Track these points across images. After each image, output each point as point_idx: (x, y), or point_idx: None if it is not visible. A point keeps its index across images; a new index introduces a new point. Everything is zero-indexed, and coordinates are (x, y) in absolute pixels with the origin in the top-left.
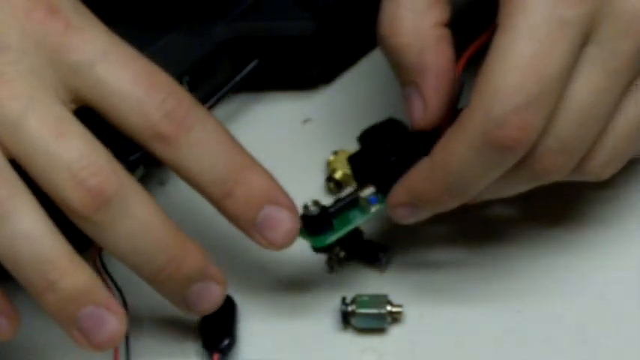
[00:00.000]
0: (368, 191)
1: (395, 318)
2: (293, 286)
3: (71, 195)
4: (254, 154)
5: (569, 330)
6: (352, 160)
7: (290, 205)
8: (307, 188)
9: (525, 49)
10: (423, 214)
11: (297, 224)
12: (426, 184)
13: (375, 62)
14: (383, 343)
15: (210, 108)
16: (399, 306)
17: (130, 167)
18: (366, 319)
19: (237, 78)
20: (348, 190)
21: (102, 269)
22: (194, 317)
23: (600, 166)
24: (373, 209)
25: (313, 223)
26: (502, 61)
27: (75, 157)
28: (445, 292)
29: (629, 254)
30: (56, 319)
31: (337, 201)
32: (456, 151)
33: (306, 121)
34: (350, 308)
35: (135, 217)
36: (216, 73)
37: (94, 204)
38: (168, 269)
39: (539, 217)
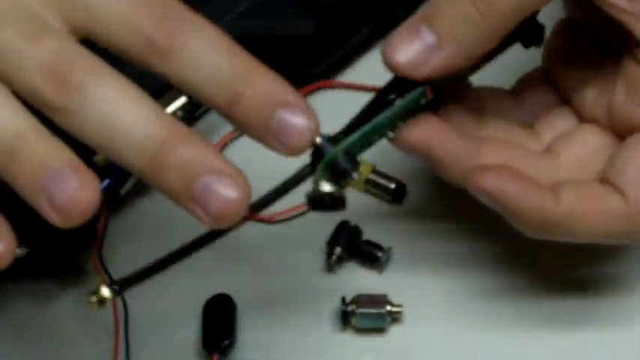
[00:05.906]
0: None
1: (395, 318)
2: (293, 286)
3: (42, 86)
4: (253, 154)
5: (570, 330)
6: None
7: (303, 105)
8: (306, 188)
9: None
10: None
11: (314, 123)
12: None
13: (375, 62)
14: (383, 343)
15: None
16: (399, 306)
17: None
18: (366, 319)
19: None
20: None
21: (101, 268)
22: (193, 321)
23: None
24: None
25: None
26: None
27: (47, 55)
28: (445, 292)
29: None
30: (24, 192)
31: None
32: None
33: None
34: (350, 308)
35: (109, 100)
36: None
37: (64, 89)
38: (159, 157)
39: None
